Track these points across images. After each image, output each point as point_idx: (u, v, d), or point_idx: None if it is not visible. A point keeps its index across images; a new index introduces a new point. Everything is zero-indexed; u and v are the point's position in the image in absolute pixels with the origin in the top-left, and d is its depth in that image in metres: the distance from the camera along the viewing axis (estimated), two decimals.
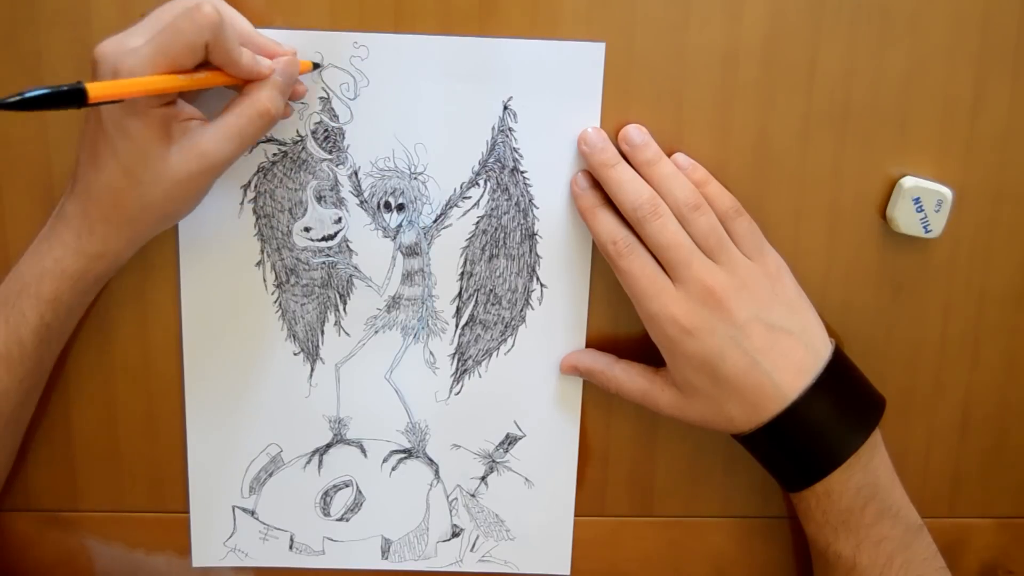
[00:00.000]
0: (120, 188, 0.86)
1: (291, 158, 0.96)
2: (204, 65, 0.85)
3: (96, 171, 0.87)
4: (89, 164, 0.87)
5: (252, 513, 1.03)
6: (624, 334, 1.01)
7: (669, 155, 0.95)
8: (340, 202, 0.97)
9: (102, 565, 1.05)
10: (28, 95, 0.72)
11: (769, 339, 0.90)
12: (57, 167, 0.96)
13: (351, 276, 0.98)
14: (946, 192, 0.97)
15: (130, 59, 0.81)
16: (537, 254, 0.98)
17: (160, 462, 1.02)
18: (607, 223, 0.93)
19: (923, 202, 0.97)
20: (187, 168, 0.86)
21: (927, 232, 0.97)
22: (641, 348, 0.98)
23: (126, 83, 0.80)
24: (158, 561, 1.04)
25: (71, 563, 1.04)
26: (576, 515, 1.05)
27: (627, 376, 0.97)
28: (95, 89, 0.76)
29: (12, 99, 0.72)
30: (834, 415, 0.91)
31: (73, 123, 0.94)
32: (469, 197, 0.97)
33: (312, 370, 1.01)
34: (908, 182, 0.97)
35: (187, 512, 1.04)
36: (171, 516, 1.04)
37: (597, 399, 1.03)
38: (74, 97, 0.75)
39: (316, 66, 0.94)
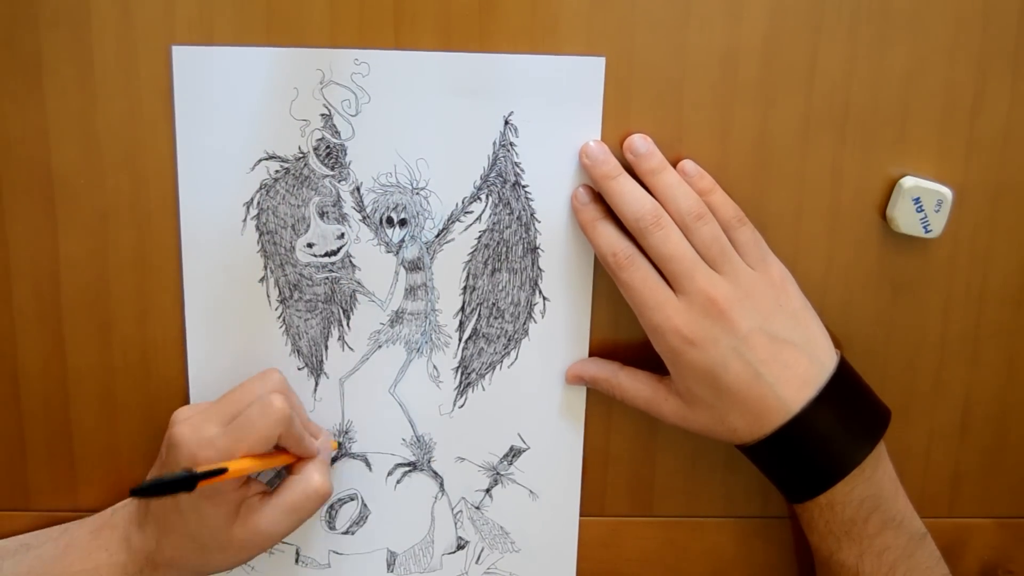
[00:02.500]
0: (187, 549, 0.93)
1: (293, 175, 0.95)
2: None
3: (166, 531, 0.93)
4: (160, 522, 0.94)
5: None
6: (627, 346, 1.01)
7: (672, 162, 0.95)
8: (343, 218, 0.97)
9: None
10: (147, 485, 0.79)
11: (772, 350, 0.90)
12: (57, 167, 0.95)
13: (354, 291, 0.98)
14: (946, 192, 0.97)
15: (208, 451, 0.88)
16: (539, 267, 0.98)
17: None
18: (607, 236, 0.93)
19: (923, 202, 0.97)
20: (249, 542, 0.93)
21: (927, 232, 0.97)
22: (644, 360, 0.98)
23: (230, 464, 0.87)
24: None
25: None
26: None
27: (632, 384, 0.98)
28: (206, 478, 0.83)
29: (138, 488, 0.79)
30: (838, 428, 0.91)
31: (74, 124, 0.94)
32: (471, 211, 0.97)
33: (316, 385, 1.01)
34: (908, 182, 0.97)
35: None
36: None
37: (598, 399, 1.03)
38: (184, 484, 0.82)
39: (340, 445, 1.01)
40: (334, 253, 0.97)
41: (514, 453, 1.03)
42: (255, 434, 0.88)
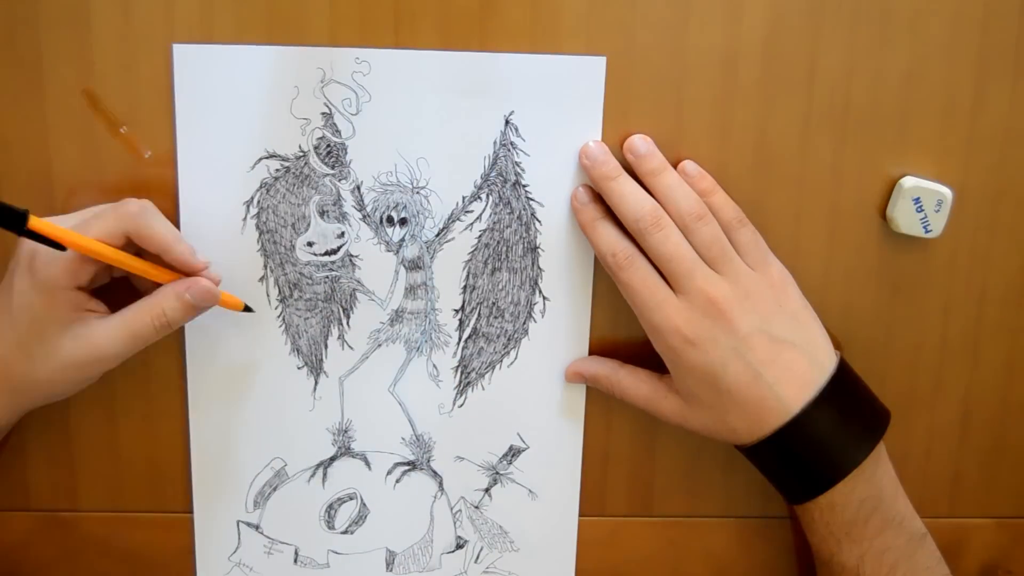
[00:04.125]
0: (11, 360, 0.89)
1: (294, 173, 0.95)
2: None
3: None
4: None
5: (257, 527, 1.04)
6: (627, 346, 1.01)
7: (673, 163, 0.95)
8: (343, 217, 0.97)
9: (102, 565, 1.05)
10: None
11: (772, 351, 0.90)
12: (57, 167, 0.95)
13: (354, 290, 0.98)
14: (946, 192, 0.97)
15: (52, 229, 0.84)
16: (539, 267, 0.98)
17: (160, 462, 1.02)
18: (607, 236, 0.94)
19: (923, 202, 0.97)
20: (76, 356, 0.89)
21: (927, 232, 0.97)
22: (644, 359, 0.98)
23: (67, 232, 0.84)
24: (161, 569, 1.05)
25: (71, 563, 1.04)
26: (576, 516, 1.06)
27: (631, 382, 0.98)
28: (38, 222, 0.81)
29: None
30: (837, 429, 0.91)
31: (73, 123, 0.94)
32: (471, 211, 0.97)
33: (316, 384, 1.01)
34: (908, 182, 0.97)
35: (186, 512, 1.04)
36: (171, 516, 1.04)
37: (597, 399, 1.03)
38: (14, 219, 0.79)
39: (247, 309, 0.97)
40: (334, 252, 0.97)
41: (513, 453, 1.03)
42: (101, 221, 0.87)
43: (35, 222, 0.80)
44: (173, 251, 0.89)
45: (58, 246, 0.82)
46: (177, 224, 0.96)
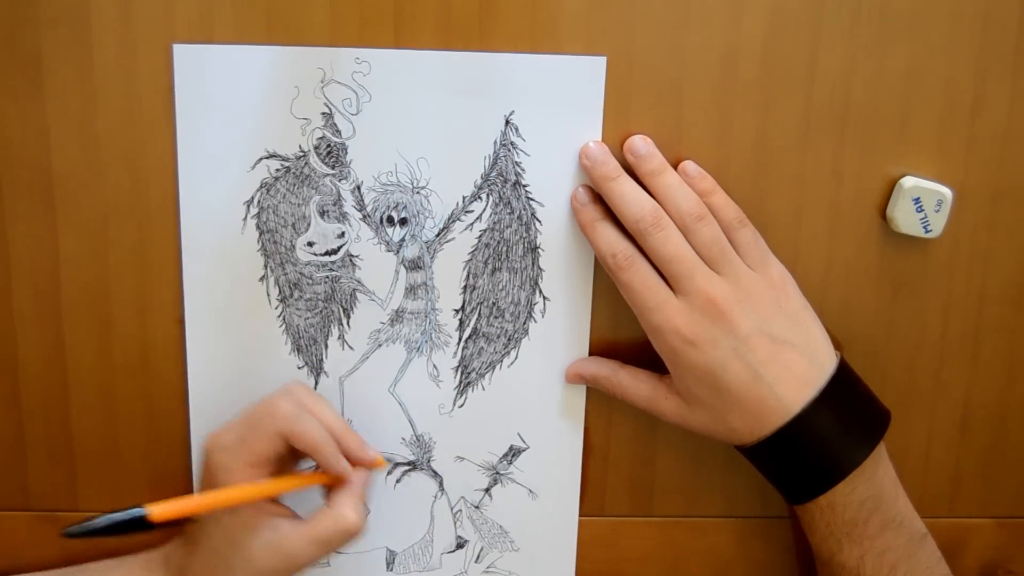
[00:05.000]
0: (213, 565, 0.91)
1: (294, 173, 0.96)
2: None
3: (194, 548, 0.94)
4: (189, 539, 0.95)
5: None
6: (627, 346, 1.01)
7: (673, 163, 0.95)
8: (343, 217, 0.97)
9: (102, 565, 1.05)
10: (93, 526, 0.80)
11: (772, 351, 0.90)
12: (57, 167, 0.95)
13: (354, 290, 0.99)
14: (946, 192, 0.97)
15: (220, 455, 0.90)
16: (539, 267, 0.98)
17: (160, 462, 1.02)
18: (607, 236, 0.93)
19: (923, 202, 0.97)
20: (270, 563, 0.92)
21: (927, 232, 0.97)
22: (644, 359, 0.98)
23: (185, 504, 0.86)
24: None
25: (71, 563, 1.04)
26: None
27: (632, 382, 0.98)
28: (158, 511, 0.82)
29: (75, 530, 0.79)
30: (837, 429, 0.91)
31: (74, 124, 0.95)
32: (471, 211, 0.97)
33: (316, 384, 1.01)
34: (908, 182, 0.97)
35: None
36: None
37: (597, 399, 1.03)
38: (137, 523, 0.82)
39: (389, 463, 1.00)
40: (334, 252, 0.97)
41: (514, 452, 1.03)
42: (258, 431, 0.89)
43: (156, 513, 0.82)
44: (322, 455, 0.92)
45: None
46: (177, 225, 0.96)
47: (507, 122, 0.95)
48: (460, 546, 1.05)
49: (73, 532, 0.79)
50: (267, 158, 0.95)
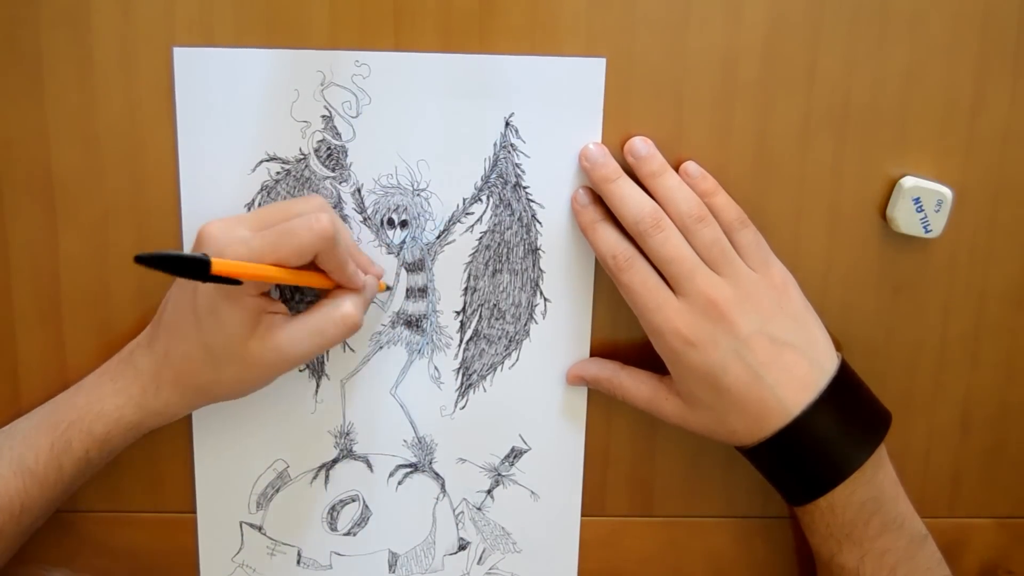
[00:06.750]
0: (197, 360, 0.90)
1: (294, 176, 0.96)
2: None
3: (177, 340, 0.92)
4: (172, 330, 0.92)
5: (260, 529, 1.04)
6: (628, 347, 1.01)
7: (673, 164, 0.95)
8: (344, 219, 0.97)
9: (103, 565, 1.05)
10: (157, 255, 0.77)
11: (773, 353, 0.90)
12: (57, 167, 0.95)
13: None
14: (946, 192, 0.97)
15: (238, 248, 0.85)
16: (540, 268, 0.98)
17: (161, 462, 1.02)
18: (607, 237, 0.94)
19: (923, 202, 0.97)
20: (264, 358, 0.90)
21: (927, 232, 0.97)
22: (645, 360, 0.98)
23: (249, 267, 0.84)
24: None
25: (71, 563, 1.04)
26: None
27: (633, 383, 0.98)
28: (219, 265, 0.80)
29: (145, 256, 0.77)
30: (838, 431, 0.91)
31: (74, 124, 0.95)
32: (472, 213, 0.97)
33: (318, 386, 1.01)
34: (908, 182, 0.97)
35: (188, 512, 1.04)
36: (172, 516, 1.04)
37: (598, 400, 1.03)
38: (198, 268, 0.80)
39: (387, 288, 0.99)
40: None
41: (515, 454, 1.03)
42: (293, 241, 0.86)
43: (218, 266, 0.81)
44: (345, 273, 0.91)
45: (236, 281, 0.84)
46: (179, 227, 0.96)
47: (507, 124, 0.95)
48: (462, 548, 1.05)
49: (142, 257, 0.78)
50: (267, 161, 0.95)
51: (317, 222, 0.86)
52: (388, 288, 0.99)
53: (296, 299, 0.98)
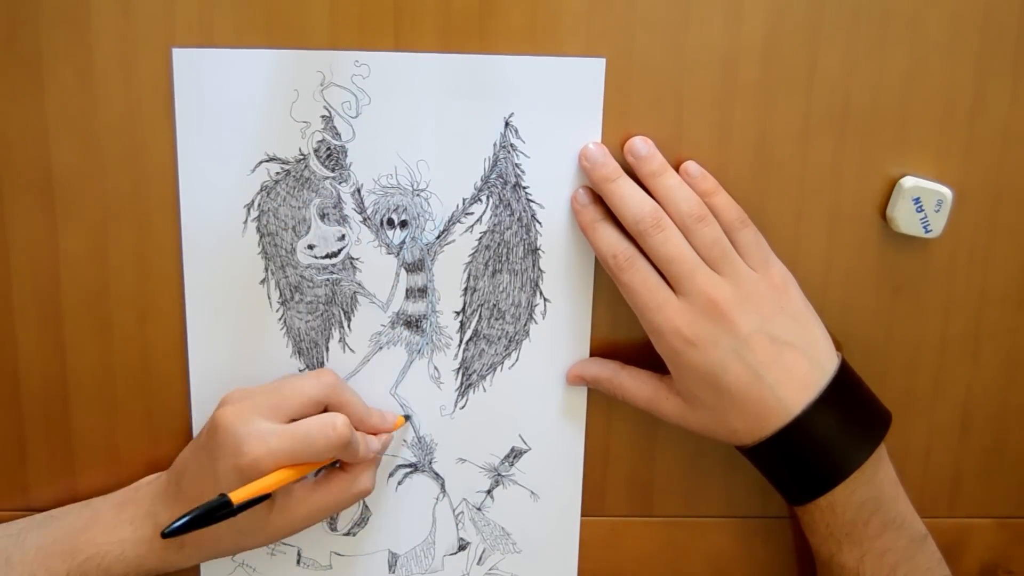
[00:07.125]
0: (222, 530, 0.89)
1: (294, 176, 0.95)
2: None
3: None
4: (195, 503, 0.90)
5: None
6: (628, 346, 1.01)
7: (674, 164, 0.95)
8: (343, 219, 0.97)
9: None
10: (183, 523, 0.81)
11: (773, 352, 0.90)
12: (57, 167, 0.95)
13: (355, 293, 0.99)
14: (946, 192, 0.97)
15: (258, 448, 0.88)
16: (540, 268, 0.98)
17: (161, 464, 1.02)
18: (607, 237, 0.94)
19: (923, 202, 0.97)
20: (284, 529, 0.94)
21: (927, 232, 0.97)
22: (645, 360, 0.98)
23: (269, 480, 0.87)
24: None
25: None
26: None
27: (633, 383, 0.98)
28: (241, 494, 0.85)
29: (171, 529, 0.81)
30: (838, 430, 0.91)
31: (74, 124, 0.95)
32: (472, 213, 0.97)
33: None
34: (908, 182, 0.97)
35: None
36: None
37: (598, 400, 1.03)
38: (222, 510, 0.83)
39: (407, 418, 1.01)
40: (335, 255, 0.97)
41: (515, 454, 1.03)
42: (311, 450, 0.89)
43: (240, 495, 0.84)
44: (366, 424, 0.97)
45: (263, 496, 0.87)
46: (178, 227, 0.96)
47: (507, 124, 0.95)
48: (462, 548, 1.05)
49: (169, 532, 0.79)
50: (267, 161, 0.95)
51: (334, 430, 0.90)
52: (407, 418, 1.02)
53: (296, 299, 0.98)
